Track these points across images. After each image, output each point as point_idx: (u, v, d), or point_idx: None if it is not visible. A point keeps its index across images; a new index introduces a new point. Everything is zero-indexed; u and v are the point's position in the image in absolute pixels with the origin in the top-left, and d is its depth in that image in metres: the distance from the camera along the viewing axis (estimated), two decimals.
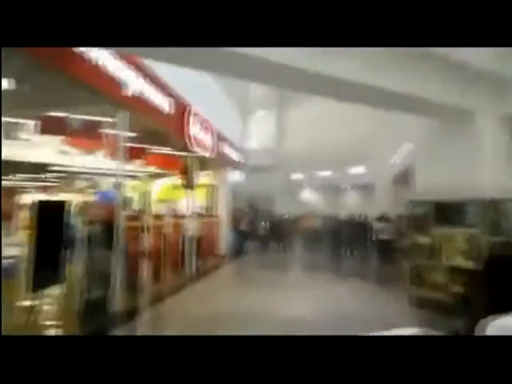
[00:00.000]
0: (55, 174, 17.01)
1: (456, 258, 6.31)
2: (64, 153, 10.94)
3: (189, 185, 10.11)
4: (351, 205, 21.23)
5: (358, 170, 21.41)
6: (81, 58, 5.08)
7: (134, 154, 10.11)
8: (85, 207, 6.04)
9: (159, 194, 19.16)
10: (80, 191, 18.61)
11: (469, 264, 6.15)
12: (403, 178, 13.76)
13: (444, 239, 6.45)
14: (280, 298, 7.74)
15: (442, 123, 7.50)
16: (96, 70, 5.36)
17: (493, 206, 6.17)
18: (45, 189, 20.22)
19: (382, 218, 13.31)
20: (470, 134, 6.09)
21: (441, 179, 6.75)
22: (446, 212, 6.48)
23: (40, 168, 14.22)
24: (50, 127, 7.47)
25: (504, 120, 6.78)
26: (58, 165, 13.04)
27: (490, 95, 7.30)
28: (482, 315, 1.12)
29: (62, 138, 8.98)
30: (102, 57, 5.48)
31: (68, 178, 17.33)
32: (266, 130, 26.21)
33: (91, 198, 14.37)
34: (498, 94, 7.12)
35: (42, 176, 17.09)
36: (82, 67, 5.08)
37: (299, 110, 24.41)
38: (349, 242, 14.18)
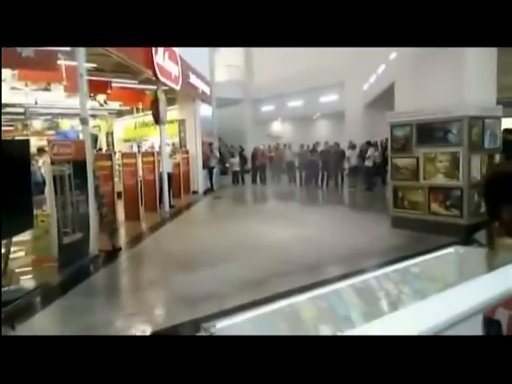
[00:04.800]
0: (9, 117, 15.72)
1: (437, 177, 6.37)
2: (17, 90, 9.94)
3: (159, 120, 9.57)
4: (323, 134, 21.10)
5: (329, 98, 21.00)
6: None
7: (96, 88, 9.37)
8: (50, 147, 5.52)
9: (125, 132, 18.33)
10: (38, 133, 17.45)
11: (450, 182, 6.25)
12: (380, 102, 13.59)
13: (426, 159, 6.46)
14: (261, 228, 7.66)
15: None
16: None
17: (475, 123, 6.16)
18: None
19: (365, 145, 13.32)
20: (452, 50, 5.86)
21: (422, 99, 6.63)
22: (428, 132, 6.42)
23: None
24: None
25: None
26: (12, 105, 11.91)
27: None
28: None
29: (12, 72, 8.07)
30: None
31: (24, 119, 16.05)
32: (234, 61, 24.91)
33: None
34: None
35: None
36: None
37: None
38: (323, 170, 14.25)
